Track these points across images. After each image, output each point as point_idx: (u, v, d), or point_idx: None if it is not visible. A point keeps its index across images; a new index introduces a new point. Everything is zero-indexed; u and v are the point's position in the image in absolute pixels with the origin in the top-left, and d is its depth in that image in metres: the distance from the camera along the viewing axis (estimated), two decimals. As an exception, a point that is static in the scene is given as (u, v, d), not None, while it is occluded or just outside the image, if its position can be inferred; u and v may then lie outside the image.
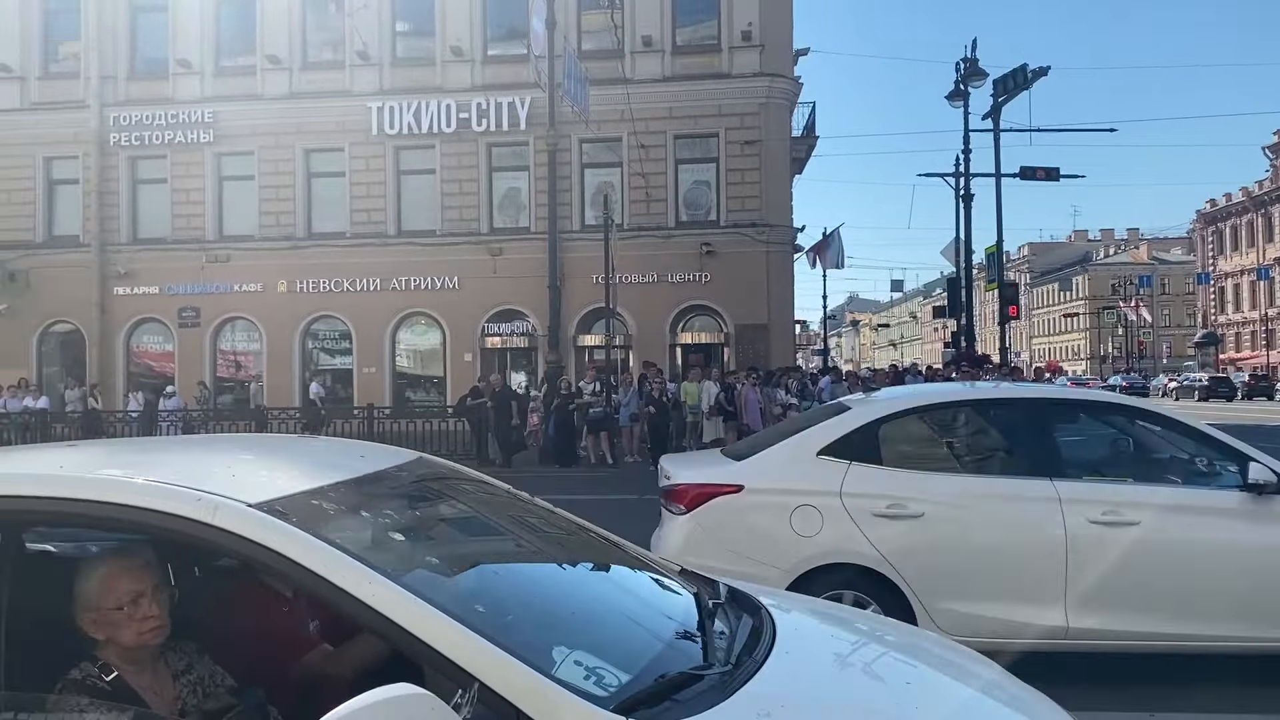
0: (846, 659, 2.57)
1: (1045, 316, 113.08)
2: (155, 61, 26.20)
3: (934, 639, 3.00)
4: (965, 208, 26.02)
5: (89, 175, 25.67)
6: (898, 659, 2.63)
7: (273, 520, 2.10)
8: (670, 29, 24.98)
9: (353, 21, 24.50)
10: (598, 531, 3.09)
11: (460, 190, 25.13)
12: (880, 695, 2.32)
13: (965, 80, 25.46)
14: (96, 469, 2.37)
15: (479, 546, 2.75)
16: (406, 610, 1.98)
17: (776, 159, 24.81)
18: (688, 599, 2.72)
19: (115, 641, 2.29)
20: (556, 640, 2.17)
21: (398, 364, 25.91)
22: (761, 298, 24.34)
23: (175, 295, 25.65)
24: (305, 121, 25.28)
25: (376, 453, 2.99)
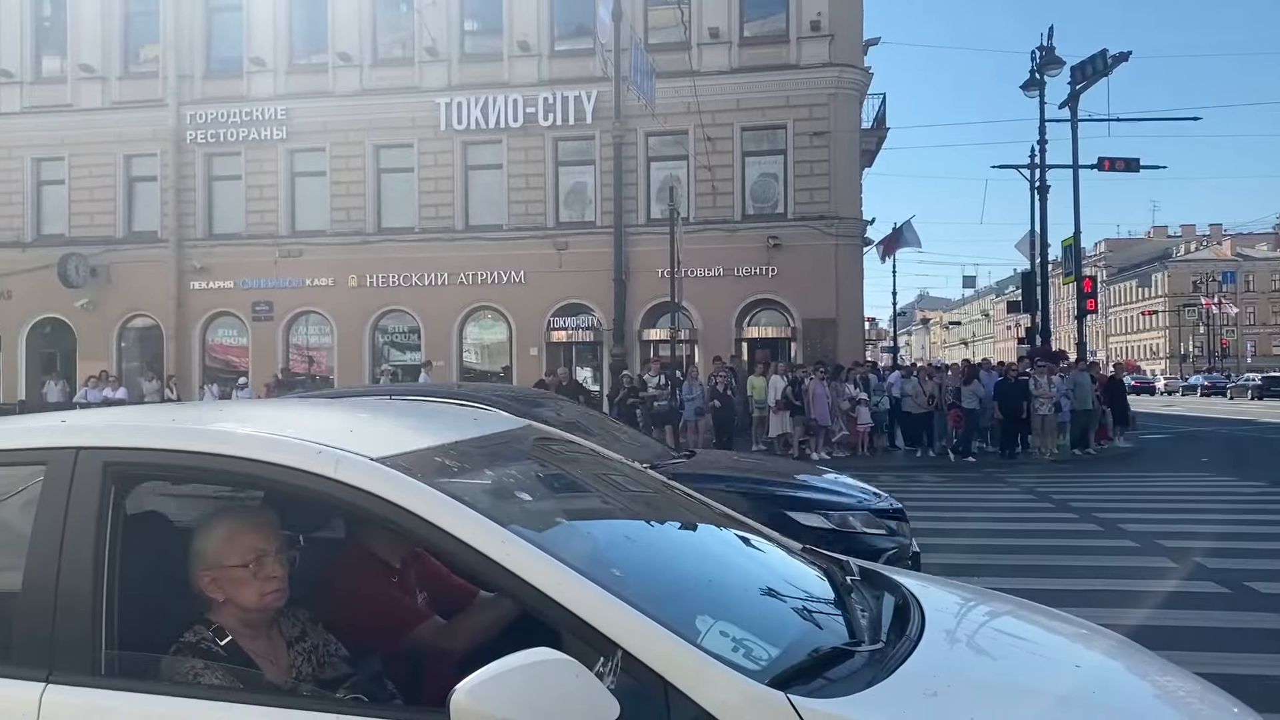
0: (1005, 640, 2.38)
1: (1123, 314, 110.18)
2: (230, 60, 26.64)
3: (1080, 621, 2.79)
4: (1041, 200, 25.38)
5: (167, 172, 26.19)
6: (1059, 640, 2.43)
7: (400, 475, 1.97)
8: (738, 20, 24.71)
9: (422, 18, 24.65)
10: (717, 506, 2.93)
11: (527, 185, 25.15)
12: (1053, 679, 2.12)
13: (1041, 69, 24.81)
14: (212, 423, 2.27)
15: (604, 512, 2.60)
16: (544, 572, 1.83)
17: (846, 151, 24.40)
18: (820, 576, 2.55)
19: (235, 603, 2.18)
20: (699, 609, 2.01)
21: (464, 358, 26.03)
22: (830, 292, 23.96)
23: (249, 290, 26.06)
24: (375, 118, 25.50)
25: (488, 417, 2.87)
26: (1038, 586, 7.11)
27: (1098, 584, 7.22)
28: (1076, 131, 23.83)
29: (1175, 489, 13.68)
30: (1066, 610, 6.08)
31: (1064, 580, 7.39)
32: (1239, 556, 8.23)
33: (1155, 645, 5.45)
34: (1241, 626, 6.01)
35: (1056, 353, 24.64)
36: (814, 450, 18.59)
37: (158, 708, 1.90)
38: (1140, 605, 6.52)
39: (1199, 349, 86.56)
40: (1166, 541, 8.91)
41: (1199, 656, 5.32)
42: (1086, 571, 7.73)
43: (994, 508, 11.84)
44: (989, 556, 8.35)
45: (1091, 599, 6.69)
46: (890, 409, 20.16)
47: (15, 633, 1.98)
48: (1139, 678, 2.30)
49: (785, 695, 1.76)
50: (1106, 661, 2.36)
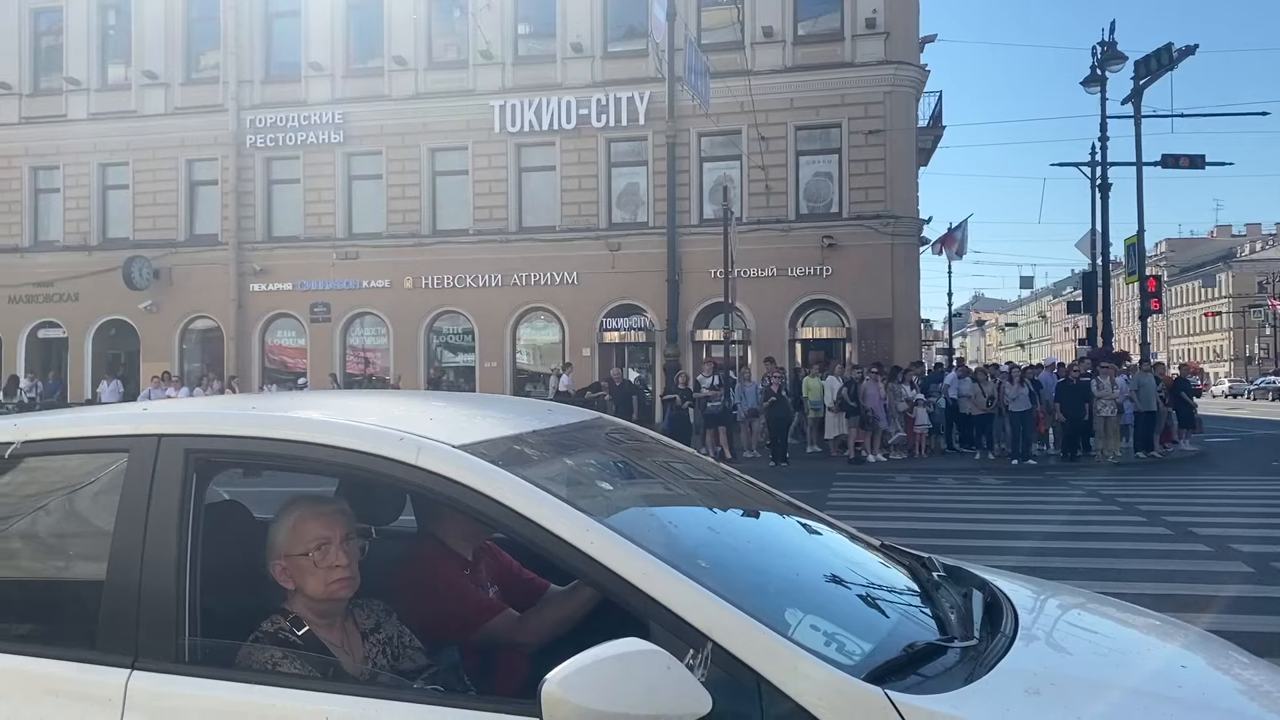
0: (1103, 638, 2.29)
1: (1185, 316, 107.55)
2: (288, 65, 27.07)
3: (1173, 621, 2.68)
4: (1102, 198, 24.82)
5: (227, 176, 26.68)
6: (1156, 641, 2.33)
7: (482, 463, 1.94)
8: (792, 19, 24.54)
9: (476, 22, 24.82)
10: (795, 502, 2.86)
11: (579, 186, 25.21)
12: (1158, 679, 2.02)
13: (1103, 64, 24.24)
14: (291, 411, 2.26)
15: (685, 503, 2.55)
16: (630, 561, 1.79)
17: (901, 149, 24.11)
18: (904, 571, 2.47)
19: (303, 592, 2.18)
20: (788, 603, 1.95)
21: (518, 359, 26.16)
22: (885, 292, 23.69)
23: (307, 291, 26.43)
24: (430, 121, 25.74)
25: (561, 408, 2.84)
26: (1109, 590, 6.94)
27: (1172, 588, 7.02)
28: (1140, 128, 23.27)
29: (1246, 493, 13.30)
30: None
31: (1136, 584, 7.18)
32: (1319, 562, 7.95)
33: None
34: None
35: (1119, 354, 24.08)
36: (870, 452, 18.38)
37: (237, 695, 1.89)
38: (1218, 610, 6.32)
39: (1265, 351, 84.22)
40: (1242, 546, 8.65)
41: None
42: (1159, 575, 7.52)
43: (1058, 510, 11.59)
44: (1055, 560, 8.17)
45: (1165, 603, 6.48)
46: (946, 410, 19.86)
47: (102, 619, 1.98)
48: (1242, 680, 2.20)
49: (883, 690, 1.70)
50: (1209, 661, 2.26)
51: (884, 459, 18.28)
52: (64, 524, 2.26)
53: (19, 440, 2.16)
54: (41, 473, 2.25)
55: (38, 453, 2.19)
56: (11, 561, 2.28)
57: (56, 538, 2.27)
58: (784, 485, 11.23)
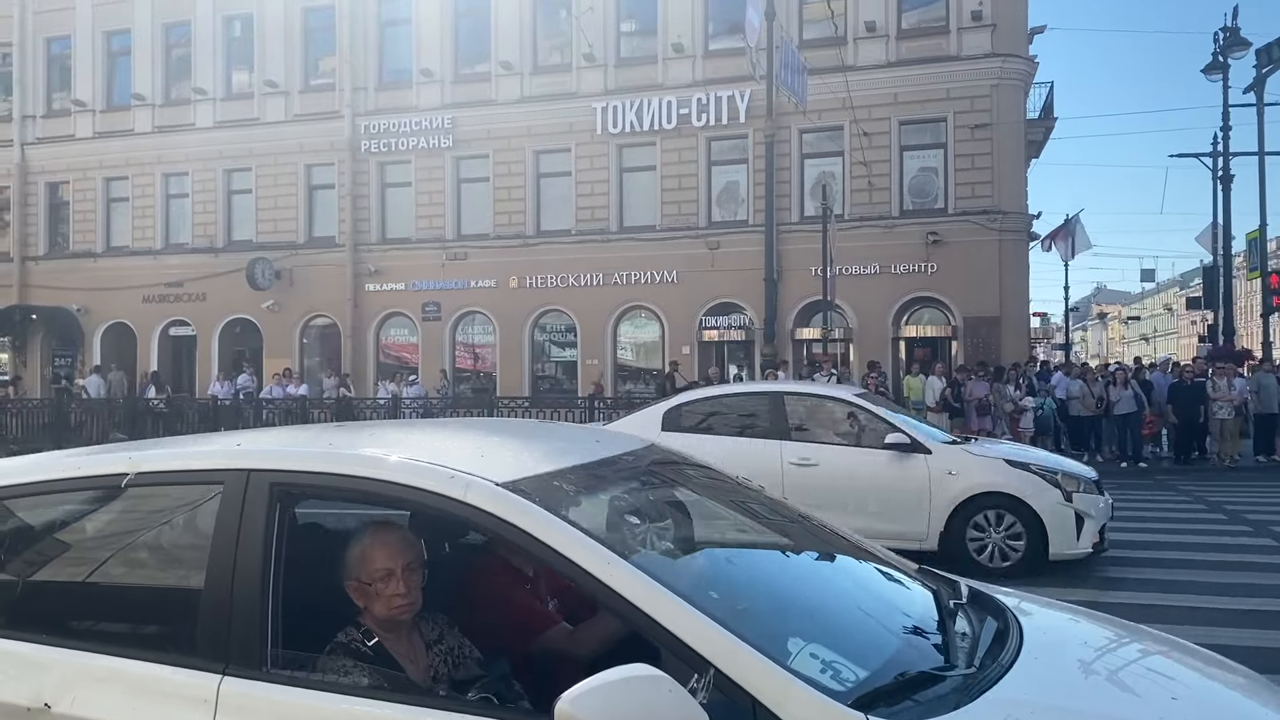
0: (1100, 668, 2.41)
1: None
2: (401, 72, 28.03)
3: (1189, 647, 2.77)
4: (1224, 190, 23.89)
5: (343, 180, 27.79)
6: (1157, 671, 2.43)
7: (519, 500, 2.19)
8: (895, 13, 24.24)
9: (579, 24, 25.27)
10: (828, 524, 3.04)
11: (679, 185, 25.42)
12: (1142, 711, 2.15)
13: (1225, 51, 23.29)
14: (361, 447, 2.56)
15: (710, 533, 2.77)
16: (644, 593, 2.01)
17: (1009, 142, 23.58)
18: (926, 597, 2.63)
19: (370, 611, 2.47)
20: (791, 631, 2.15)
21: (619, 356, 26.55)
22: (993, 289, 23.23)
23: (419, 291, 27.35)
24: (535, 124, 26.31)
25: (610, 438, 3.07)
26: (1196, 604, 6.84)
27: (1263, 603, 6.86)
28: (1263, 117, 22.25)
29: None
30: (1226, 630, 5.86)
31: (1225, 599, 7.06)
32: None
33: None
34: None
35: (1240, 352, 23.10)
36: (971, 453, 18.06)
37: (315, 701, 2.19)
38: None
39: None
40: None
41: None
42: (1252, 590, 7.34)
43: (1160, 518, 11.30)
44: (1143, 570, 8.05)
45: (1252, 620, 6.39)
46: (1056, 411, 19.38)
47: (198, 630, 2.31)
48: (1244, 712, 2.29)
49: (865, 716, 1.88)
50: (1211, 694, 2.36)
51: (986, 461, 17.94)
52: (168, 545, 2.62)
53: (133, 472, 2.51)
54: (151, 500, 2.61)
55: (147, 483, 2.54)
56: (123, 575, 2.63)
57: (162, 557, 2.63)
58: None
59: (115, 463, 2.58)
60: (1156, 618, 6.37)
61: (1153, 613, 6.55)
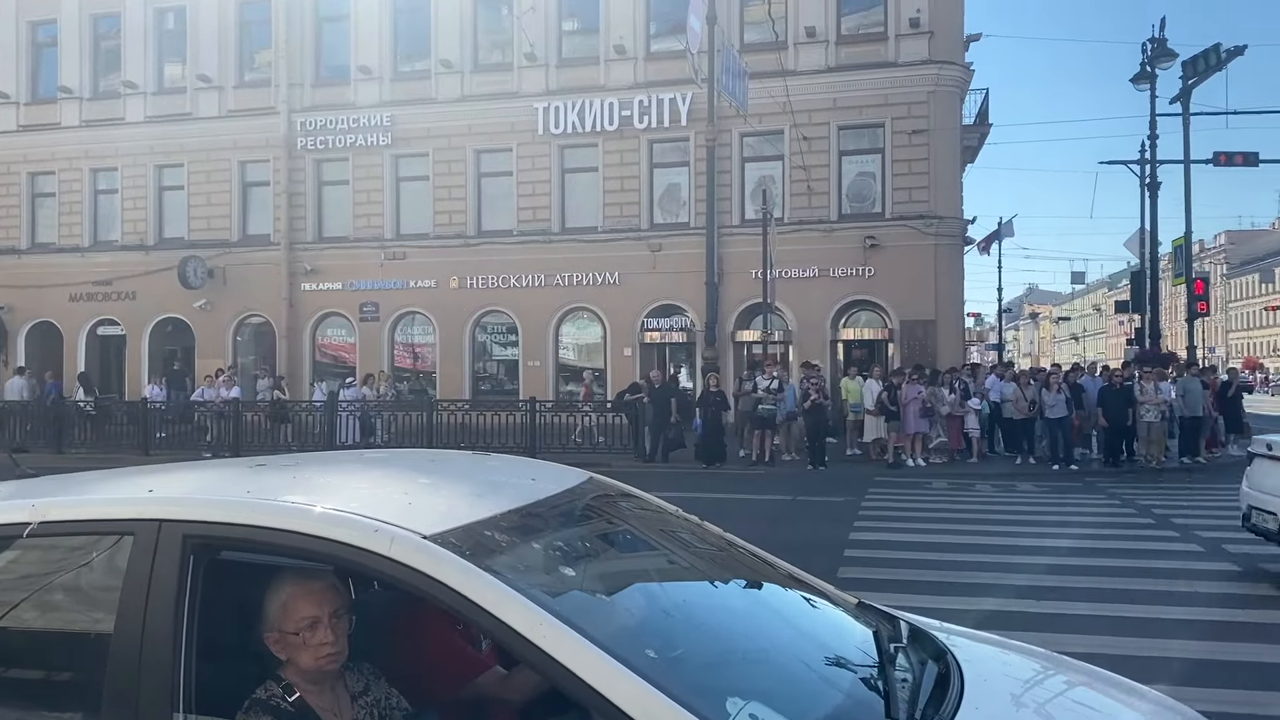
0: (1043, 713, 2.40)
1: (1244, 309, 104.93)
2: (338, 68, 27.57)
3: (1106, 675, 2.80)
4: (1151, 197, 24.45)
5: (279, 178, 27.25)
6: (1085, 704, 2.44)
7: (447, 554, 2.10)
8: (834, 18, 24.45)
9: (521, 24, 25.07)
10: (773, 561, 2.99)
11: (621, 187, 25.38)
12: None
13: (1152, 62, 23.88)
14: (282, 493, 2.44)
15: (650, 581, 2.70)
16: (578, 656, 1.94)
17: (945, 148, 23.94)
18: (866, 638, 2.59)
19: (295, 663, 2.35)
20: (730, 689, 2.09)
21: (560, 357, 26.43)
22: (929, 292, 23.57)
23: (356, 291, 26.95)
24: (475, 123, 26.07)
25: (547, 474, 2.98)
26: (1123, 614, 6.97)
27: (1186, 613, 7.01)
28: (1188, 128, 22.86)
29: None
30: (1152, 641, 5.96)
31: (1151, 608, 7.19)
32: (1350, 586, 7.87)
33: (1249, 684, 5.34)
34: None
35: (1166, 355, 23.70)
36: (910, 457, 18.33)
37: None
38: (1230, 638, 6.31)
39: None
40: (1270, 565, 8.57)
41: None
42: (1176, 599, 7.49)
43: (1089, 523, 11.52)
44: (1075, 579, 8.18)
45: (1177, 630, 6.52)
46: (990, 414, 19.70)
47: (105, 691, 2.18)
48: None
49: (805, 784, 1.83)
50: None
51: (924, 464, 18.22)
52: (73, 600, 2.47)
53: (36, 521, 2.37)
54: (55, 551, 2.46)
55: (51, 533, 2.40)
56: (23, 632, 2.48)
57: (66, 613, 2.48)
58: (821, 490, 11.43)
59: (17, 511, 2.44)
60: (1087, 628, 6.48)
61: (1083, 623, 6.66)
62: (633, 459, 18.80)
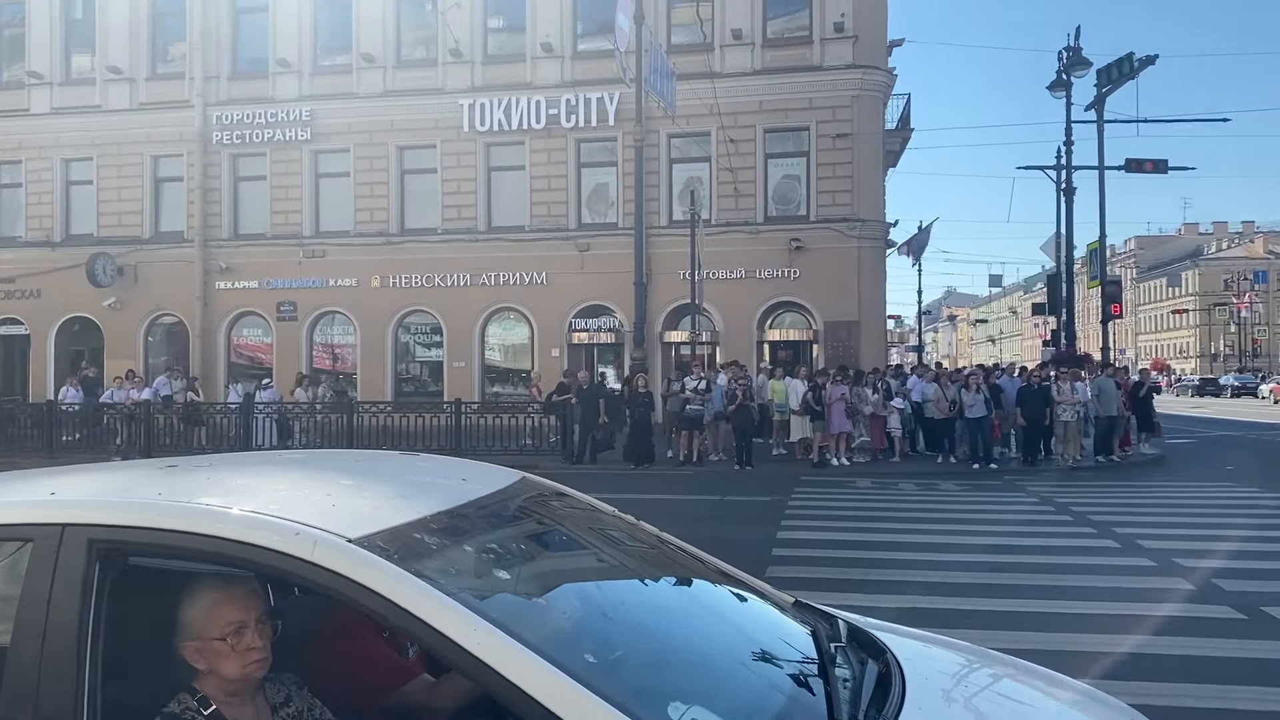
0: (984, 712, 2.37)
1: (1152, 313, 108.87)
2: (256, 61, 26.88)
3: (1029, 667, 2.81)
4: (1066, 201, 25.13)
5: (193, 173, 26.47)
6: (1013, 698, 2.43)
7: (373, 558, 1.98)
8: (760, 22, 24.65)
9: (445, 19, 24.75)
10: (707, 559, 2.93)
11: (549, 186, 25.22)
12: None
13: (1068, 70, 24.55)
14: (196, 496, 2.29)
15: (587, 583, 2.61)
16: (514, 662, 1.84)
17: (869, 152, 24.30)
18: (805, 638, 2.55)
19: (217, 673, 2.21)
20: (672, 693, 2.02)
21: (487, 358, 26.15)
22: (852, 294, 23.90)
23: (274, 290, 26.31)
24: (399, 119, 25.66)
25: (478, 474, 2.87)
26: (1047, 610, 7.09)
27: (1108, 608, 7.16)
28: (1103, 135, 23.54)
29: (1197, 501, 13.54)
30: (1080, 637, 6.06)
31: (1076, 603, 7.33)
32: (1257, 579, 8.13)
33: (1166, 677, 5.46)
34: (1255, 657, 5.93)
35: (1081, 356, 24.39)
36: (834, 456, 18.52)
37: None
38: (1150, 632, 6.45)
39: (1230, 348, 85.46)
40: (1184, 560, 8.83)
41: (1207, 690, 5.29)
42: (1100, 594, 7.65)
43: (1011, 520, 11.76)
44: (1000, 575, 8.31)
45: (1099, 624, 6.65)
46: (912, 414, 20.03)
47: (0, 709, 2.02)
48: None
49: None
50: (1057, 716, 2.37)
51: (847, 463, 18.43)
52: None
53: (-75, 526, 2.18)
54: None
55: None
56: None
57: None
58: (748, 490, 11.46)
59: (-96, 515, 2.24)
60: (1013, 624, 6.57)
61: (1009, 619, 6.76)
62: (560, 460, 18.66)
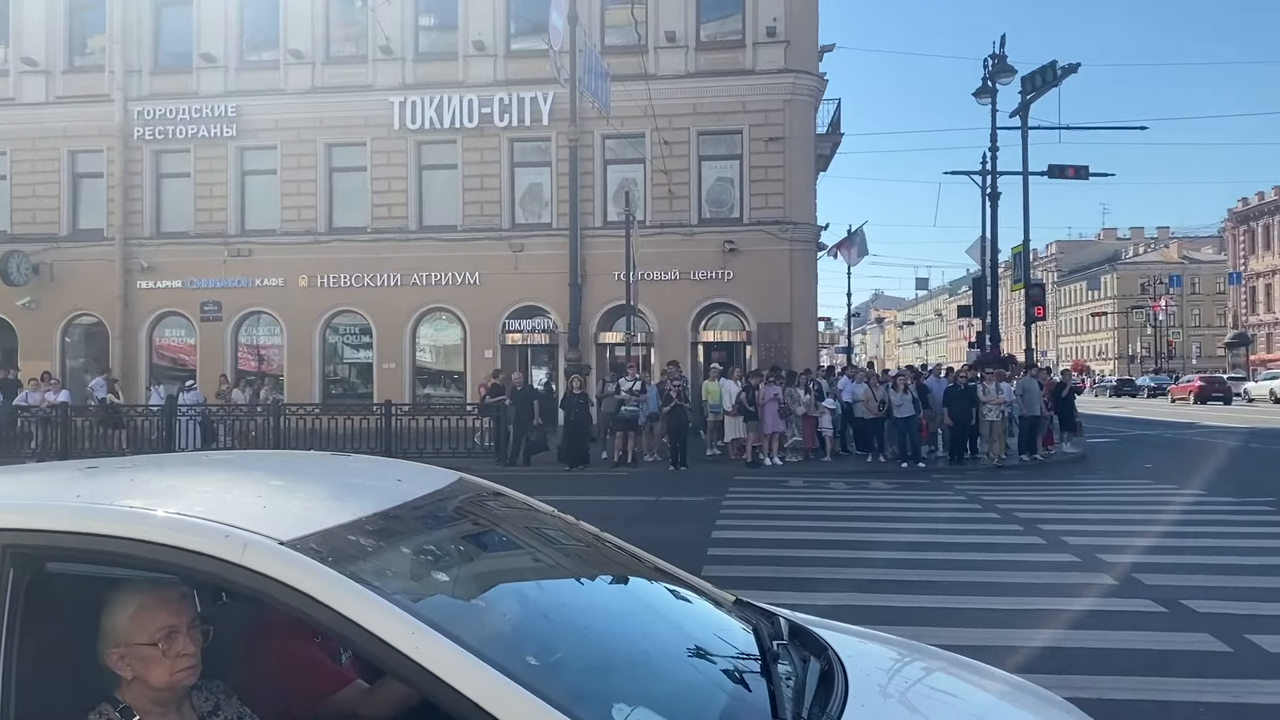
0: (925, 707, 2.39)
1: (1072, 315, 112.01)
2: (179, 55, 26.22)
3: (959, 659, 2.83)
4: (991, 206, 25.64)
5: (113, 169, 25.71)
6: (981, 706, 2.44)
7: (307, 561, 1.92)
8: (694, 24, 24.77)
9: (375, 16, 24.39)
10: (648, 559, 2.91)
11: (482, 186, 25.02)
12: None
13: (993, 77, 25.05)
14: (119, 497, 2.20)
15: (527, 584, 2.56)
16: (455, 666, 1.80)
17: (800, 156, 24.57)
18: (747, 637, 2.53)
19: (144, 681, 2.11)
20: (615, 694, 1.99)
21: (418, 359, 25.84)
22: (784, 296, 24.13)
23: (198, 289, 25.68)
24: (327, 116, 25.23)
25: (414, 475, 2.81)
26: (977, 605, 7.21)
27: (1035, 603, 7.30)
28: (1027, 140, 24.13)
29: (1118, 498, 13.92)
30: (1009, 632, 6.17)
31: (1005, 599, 7.47)
32: (1176, 572, 8.38)
33: (1092, 669, 5.58)
34: (1175, 648, 6.10)
35: (1005, 357, 24.94)
36: (767, 456, 18.66)
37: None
38: (1075, 626, 6.60)
39: (1146, 350, 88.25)
40: (1107, 555, 9.06)
41: (1132, 681, 5.42)
42: (1027, 589, 7.82)
43: (939, 518, 11.97)
44: (930, 572, 8.43)
45: (1028, 619, 6.78)
46: (842, 414, 20.27)
47: None
48: None
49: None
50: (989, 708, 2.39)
51: (780, 463, 18.58)
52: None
53: None
54: None
55: None
56: None
57: None
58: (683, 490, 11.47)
59: None
60: (945, 620, 6.67)
61: (941, 615, 6.86)
62: (494, 463, 18.50)
